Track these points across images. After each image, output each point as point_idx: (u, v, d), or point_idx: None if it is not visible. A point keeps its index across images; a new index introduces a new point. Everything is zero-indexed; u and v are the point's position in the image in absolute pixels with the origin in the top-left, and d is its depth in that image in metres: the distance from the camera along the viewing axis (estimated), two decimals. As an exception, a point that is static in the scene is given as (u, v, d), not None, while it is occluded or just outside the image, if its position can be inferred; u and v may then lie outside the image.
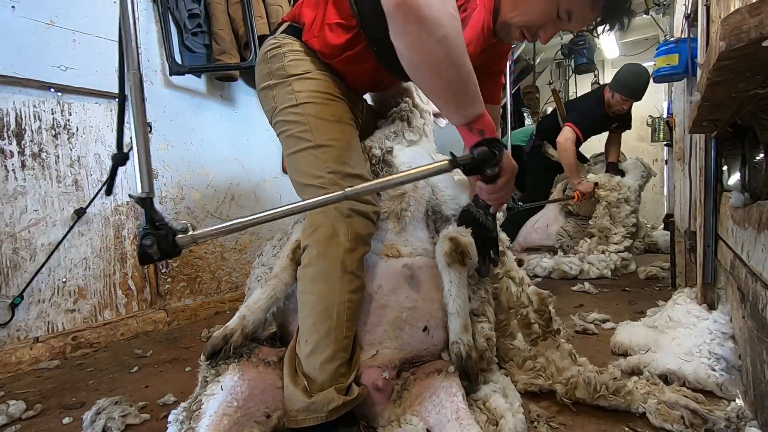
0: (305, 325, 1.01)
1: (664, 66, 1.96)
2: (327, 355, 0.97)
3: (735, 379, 1.14)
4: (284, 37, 1.16)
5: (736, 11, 0.56)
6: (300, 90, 1.10)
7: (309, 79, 1.12)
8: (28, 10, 1.61)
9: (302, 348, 1.00)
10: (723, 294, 1.39)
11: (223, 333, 1.05)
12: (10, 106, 1.59)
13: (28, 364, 1.57)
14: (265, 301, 1.09)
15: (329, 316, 0.99)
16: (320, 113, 1.10)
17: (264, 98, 1.16)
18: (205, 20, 2.12)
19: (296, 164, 1.09)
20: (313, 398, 0.94)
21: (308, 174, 1.05)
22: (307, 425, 0.95)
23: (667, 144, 3.36)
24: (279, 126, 1.13)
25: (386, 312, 1.11)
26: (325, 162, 1.04)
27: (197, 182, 2.20)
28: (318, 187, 1.03)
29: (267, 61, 1.14)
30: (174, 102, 2.11)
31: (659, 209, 5.59)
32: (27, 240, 1.63)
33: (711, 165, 1.37)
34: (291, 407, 0.97)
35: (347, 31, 1.09)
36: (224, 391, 0.97)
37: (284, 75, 1.12)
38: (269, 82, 1.13)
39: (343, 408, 0.96)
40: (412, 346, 1.11)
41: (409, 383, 1.07)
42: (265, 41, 1.20)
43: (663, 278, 2.60)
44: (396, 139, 1.29)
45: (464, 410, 0.96)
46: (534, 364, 1.26)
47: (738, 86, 0.73)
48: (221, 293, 2.30)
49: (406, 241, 1.19)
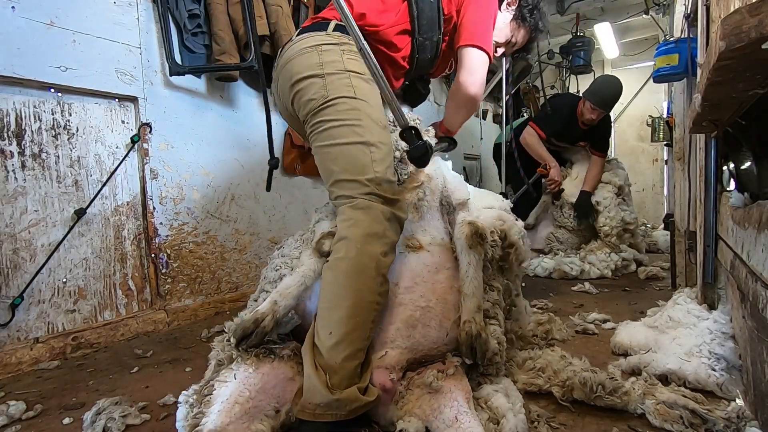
0: (332, 316, 0.99)
1: (664, 66, 1.96)
2: (349, 352, 0.97)
3: (735, 379, 1.14)
4: (340, 35, 1.20)
5: (736, 11, 0.56)
6: (358, 86, 1.14)
7: (365, 81, 1.17)
8: (28, 10, 1.61)
9: (324, 339, 0.98)
10: (723, 294, 1.39)
11: (254, 317, 1.04)
12: (10, 107, 1.59)
13: (28, 365, 1.57)
14: (296, 287, 1.10)
15: (358, 313, 0.99)
16: (373, 114, 1.14)
17: (309, 86, 1.15)
18: (205, 20, 2.12)
19: (343, 154, 1.09)
20: (337, 395, 0.94)
21: (355, 168, 1.07)
22: (326, 420, 0.94)
23: (667, 144, 3.36)
24: (329, 113, 1.12)
25: (400, 311, 1.12)
26: (374, 161, 1.08)
27: (197, 182, 2.20)
28: (362, 183, 1.06)
29: (319, 53, 1.16)
30: (174, 102, 2.11)
31: (659, 209, 5.60)
32: (27, 240, 1.63)
33: (711, 165, 1.37)
34: (311, 400, 0.95)
35: (407, 35, 1.32)
36: (237, 380, 0.98)
37: (342, 68, 1.15)
38: (320, 72, 1.14)
39: (362, 408, 0.96)
40: (423, 345, 1.12)
41: (412, 383, 1.07)
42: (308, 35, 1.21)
43: (663, 278, 2.60)
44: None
45: (465, 413, 0.96)
46: (534, 364, 1.27)
47: (738, 86, 0.73)
48: (221, 293, 2.30)
49: (424, 230, 1.25)
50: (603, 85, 2.94)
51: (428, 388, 1.02)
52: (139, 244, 1.97)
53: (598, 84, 2.98)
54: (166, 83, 2.08)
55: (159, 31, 2.03)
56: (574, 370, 1.19)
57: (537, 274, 2.84)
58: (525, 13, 1.48)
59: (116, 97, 1.90)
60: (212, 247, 2.26)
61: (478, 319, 1.11)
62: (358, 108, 1.11)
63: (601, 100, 2.90)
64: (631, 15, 4.39)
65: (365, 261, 1.01)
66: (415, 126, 1.07)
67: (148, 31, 2.00)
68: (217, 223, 2.29)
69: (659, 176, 5.71)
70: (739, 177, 1.16)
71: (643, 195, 5.67)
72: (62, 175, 1.73)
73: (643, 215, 5.29)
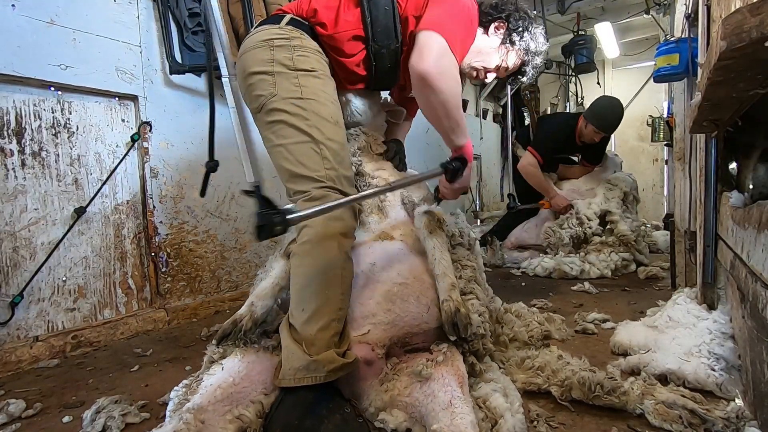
0: (302, 294, 1.04)
1: (664, 66, 1.96)
2: (323, 322, 1.01)
3: (735, 379, 1.14)
4: (291, 29, 1.19)
5: (737, 11, 0.56)
6: (305, 85, 1.14)
7: (315, 78, 1.17)
8: (28, 8, 1.61)
9: (297, 317, 1.03)
10: (723, 294, 1.39)
11: (232, 319, 1.11)
12: (10, 105, 1.59)
13: (28, 363, 1.57)
14: (270, 288, 1.17)
15: (327, 286, 1.04)
16: (322, 112, 1.15)
17: (259, 82, 1.16)
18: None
19: (293, 154, 1.12)
20: (314, 357, 0.97)
21: (306, 166, 1.10)
22: (305, 384, 0.97)
23: (667, 144, 3.35)
24: (274, 113, 1.14)
25: (378, 286, 1.17)
26: (324, 159, 1.11)
27: (197, 181, 2.19)
28: (315, 180, 1.09)
29: (270, 48, 1.15)
30: (174, 101, 2.11)
31: (659, 209, 5.60)
32: (27, 239, 1.63)
33: (711, 165, 1.37)
34: (290, 365, 0.99)
35: (360, 41, 1.23)
36: (224, 370, 1.03)
37: (291, 66, 1.14)
38: (270, 69, 1.15)
39: (341, 370, 0.99)
40: (404, 321, 1.14)
41: (401, 371, 1.08)
42: (261, 28, 1.21)
43: (663, 278, 2.60)
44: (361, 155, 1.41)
45: (459, 398, 0.96)
46: (533, 363, 1.27)
47: (738, 86, 0.73)
48: (221, 292, 2.30)
49: (393, 227, 1.33)
50: (606, 109, 2.94)
51: (418, 377, 1.03)
52: (139, 243, 1.97)
53: (600, 107, 2.97)
54: (167, 82, 2.07)
55: (159, 30, 2.03)
56: (572, 370, 1.19)
57: (537, 274, 2.84)
58: (514, 37, 1.39)
59: (116, 96, 1.90)
60: (212, 245, 2.26)
61: (455, 296, 1.12)
62: (305, 107, 1.13)
63: (605, 124, 2.92)
64: (631, 15, 4.39)
65: (328, 239, 1.06)
66: (262, 194, 0.92)
67: (148, 30, 2.00)
68: (217, 221, 2.29)
69: (659, 176, 5.71)
70: (740, 177, 1.16)
71: (643, 195, 5.66)
72: (62, 173, 1.73)
73: (643, 215, 5.29)
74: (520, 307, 1.80)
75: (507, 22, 1.38)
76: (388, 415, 1.01)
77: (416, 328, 1.15)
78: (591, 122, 2.94)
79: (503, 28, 1.39)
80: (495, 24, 1.39)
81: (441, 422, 0.91)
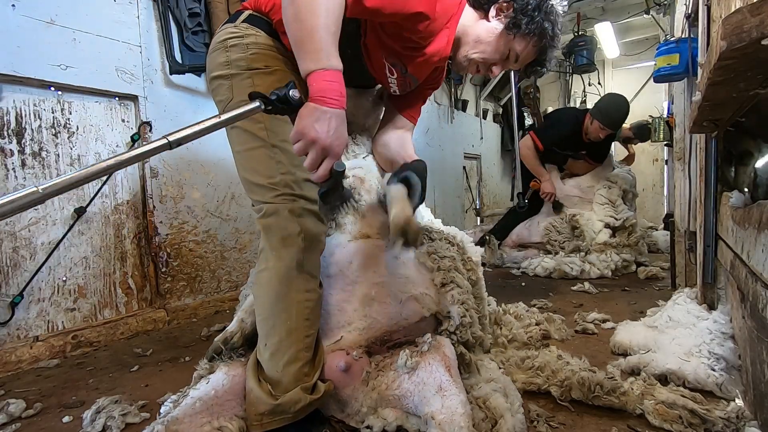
0: (264, 328, 1.01)
1: (664, 66, 1.96)
2: (289, 356, 0.97)
3: (735, 379, 1.14)
4: (247, 27, 1.12)
5: (737, 11, 0.56)
6: (259, 84, 1.06)
7: (269, 75, 1.09)
8: (29, 8, 1.61)
9: (263, 352, 1.00)
10: (723, 294, 1.39)
11: (223, 337, 1.10)
12: (10, 105, 1.59)
13: (28, 363, 1.57)
14: None
15: (289, 317, 0.99)
16: None
17: (218, 87, 1.12)
18: (206, 19, 2.12)
19: (249, 162, 1.06)
20: (279, 400, 0.94)
21: (261, 173, 1.03)
22: (274, 427, 0.95)
23: (667, 144, 3.35)
24: None
25: (356, 288, 1.16)
26: (279, 163, 1.03)
27: (197, 181, 2.20)
28: (269, 188, 1.02)
29: (226, 50, 1.10)
30: (174, 101, 2.11)
31: (659, 209, 5.60)
32: (27, 239, 1.63)
33: (711, 165, 1.37)
34: (256, 411, 0.96)
35: None
36: (208, 384, 1.03)
37: (245, 67, 1.08)
38: (227, 72, 1.09)
39: (309, 407, 0.97)
40: (381, 323, 1.14)
41: (385, 367, 1.08)
42: (222, 27, 1.15)
43: (663, 278, 2.60)
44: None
45: (448, 381, 0.97)
46: (533, 363, 1.27)
47: (739, 86, 0.73)
48: (221, 292, 2.30)
49: (370, 225, 1.29)
50: (613, 106, 2.95)
51: (404, 368, 1.03)
52: (139, 243, 1.97)
53: (607, 104, 2.99)
54: (167, 82, 2.07)
55: (159, 30, 2.03)
56: (572, 370, 1.19)
57: (537, 274, 2.84)
58: (520, 20, 1.12)
59: (116, 96, 1.90)
60: (212, 245, 2.26)
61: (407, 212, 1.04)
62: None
63: (611, 121, 2.93)
64: (631, 15, 4.39)
65: (286, 265, 0.99)
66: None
67: (148, 30, 2.00)
68: (217, 221, 2.29)
69: (659, 176, 5.71)
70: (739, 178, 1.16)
71: (643, 195, 5.67)
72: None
73: (643, 215, 5.29)
74: (520, 308, 1.80)
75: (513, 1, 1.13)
76: (374, 419, 1.01)
77: (394, 326, 1.15)
78: (597, 118, 2.96)
79: (506, 11, 1.14)
80: (496, 5, 1.14)
81: (433, 406, 0.91)
